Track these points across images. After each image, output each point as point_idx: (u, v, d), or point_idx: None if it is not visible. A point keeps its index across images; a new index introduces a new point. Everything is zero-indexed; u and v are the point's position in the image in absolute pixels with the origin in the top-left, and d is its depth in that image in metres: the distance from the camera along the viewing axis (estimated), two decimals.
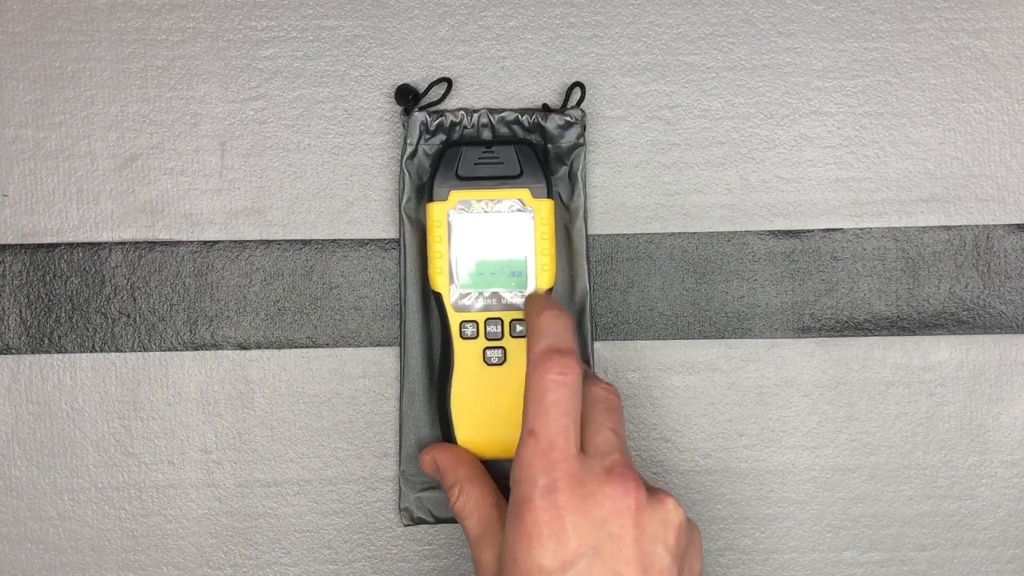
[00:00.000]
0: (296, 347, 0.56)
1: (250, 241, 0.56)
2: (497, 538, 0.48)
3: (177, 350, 0.56)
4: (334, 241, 0.56)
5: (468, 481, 0.51)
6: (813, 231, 0.57)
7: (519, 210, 0.53)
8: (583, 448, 0.46)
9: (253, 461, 0.56)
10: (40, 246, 0.56)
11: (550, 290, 0.54)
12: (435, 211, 0.53)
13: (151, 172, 0.56)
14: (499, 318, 0.53)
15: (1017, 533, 0.57)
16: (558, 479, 0.44)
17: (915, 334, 0.57)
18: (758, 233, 0.57)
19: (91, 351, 0.56)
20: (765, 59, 0.57)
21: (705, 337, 0.56)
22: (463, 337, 0.53)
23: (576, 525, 0.44)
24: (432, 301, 0.55)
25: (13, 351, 0.56)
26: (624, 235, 0.56)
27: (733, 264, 0.57)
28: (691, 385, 0.56)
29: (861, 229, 0.57)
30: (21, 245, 0.56)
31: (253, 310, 0.56)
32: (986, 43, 0.57)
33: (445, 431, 0.54)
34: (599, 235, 0.56)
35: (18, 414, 0.56)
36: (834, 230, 0.57)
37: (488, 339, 0.53)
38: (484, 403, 0.53)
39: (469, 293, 0.53)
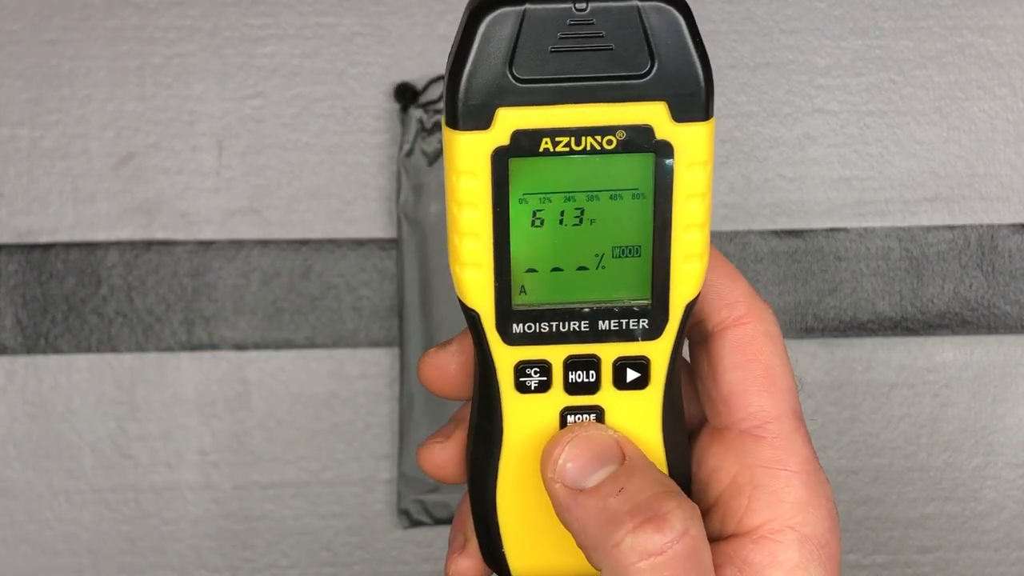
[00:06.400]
0: (294, 348, 0.56)
1: (247, 240, 0.56)
2: None
3: (174, 351, 0.56)
4: (332, 240, 0.56)
5: None
6: (816, 231, 0.56)
7: (643, 148, 0.27)
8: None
9: (251, 463, 0.56)
10: (36, 246, 0.56)
11: (693, 301, 0.30)
12: (465, 148, 0.27)
13: (148, 171, 0.56)
14: (593, 356, 0.29)
15: (1022, 535, 0.57)
16: None
17: (919, 335, 0.57)
18: (761, 233, 0.56)
19: (87, 352, 0.56)
20: (768, 57, 0.57)
21: None
22: (522, 390, 0.30)
23: None
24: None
25: (9, 352, 0.56)
26: None
27: (735, 264, 0.56)
28: None
29: (865, 228, 0.57)
30: (17, 245, 0.56)
31: (251, 310, 0.56)
32: (991, 41, 0.57)
33: (485, 541, 0.31)
34: None
35: (14, 416, 0.56)
36: (837, 230, 0.57)
37: (571, 392, 0.30)
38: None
39: (534, 309, 0.29)
